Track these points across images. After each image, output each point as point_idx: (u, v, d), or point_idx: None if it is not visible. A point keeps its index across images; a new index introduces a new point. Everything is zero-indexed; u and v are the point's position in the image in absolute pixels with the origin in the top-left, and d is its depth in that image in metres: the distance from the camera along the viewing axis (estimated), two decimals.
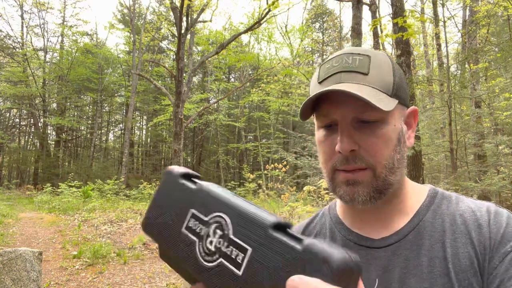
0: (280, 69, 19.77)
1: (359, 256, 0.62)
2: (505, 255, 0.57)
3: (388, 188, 0.65)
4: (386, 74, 0.65)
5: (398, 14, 6.78)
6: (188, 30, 11.18)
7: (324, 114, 0.66)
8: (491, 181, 7.30)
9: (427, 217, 0.67)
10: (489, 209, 0.64)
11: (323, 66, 0.69)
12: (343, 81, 0.64)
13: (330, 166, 0.66)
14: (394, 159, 0.65)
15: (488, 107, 9.60)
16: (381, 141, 0.64)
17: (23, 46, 24.62)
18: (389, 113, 0.64)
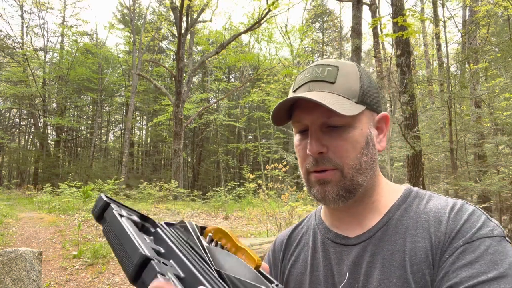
0: (280, 69, 19.77)
1: (336, 252, 0.77)
2: (455, 249, 0.60)
3: (357, 188, 0.71)
4: (352, 83, 0.71)
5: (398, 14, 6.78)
6: (188, 30, 11.18)
7: (297, 120, 0.73)
8: (491, 181, 7.29)
9: (397, 215, 0.71)
10: (454, 206, 0.66)
11: (298, 76, 0.77)
12: (312, 89, 0.70)
13: (304, 168, 0.73)
14: (361, 161, 0.70)
15: (488, 107, 9.60)
16: (347, 143, 0.69)
17: (23, 46, 24.61)
18: (356, 118, 0.70)
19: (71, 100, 27.60)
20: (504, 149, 8.69)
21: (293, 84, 0.76)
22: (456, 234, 0.62)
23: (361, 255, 0.70)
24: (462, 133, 9.81)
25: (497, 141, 8.34)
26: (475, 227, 0.61)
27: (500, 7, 10.10)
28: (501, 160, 8.65)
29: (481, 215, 0.64)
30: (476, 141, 9.77)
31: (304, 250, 0.82)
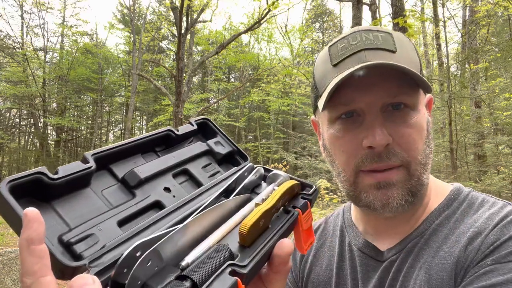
0: (280, 69, 19.77)
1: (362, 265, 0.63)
2: (480, 269, 0.48)
3: (420, 190, 0.57)
4: (412, 53, 0.58)
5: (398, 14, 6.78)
6: (188, 30, 11.18)
7: (343, 102, 0.55)
8: (491, 181, 7.30)
9: (435, 224, 0.58)
10: (507, 216, 0.52)
11: (334, 46, 0.59)
12: (369, 60, 0.53)
13: (353, 167, 0.57)
14: (427, 153, 0.56)
15: (488, 107, 9.60)
16: (415, 131, 0.54)
17: (23, 46, 24.62)
18: (418, 97, 0.56)
19: (71, 100, 27.59)
20: (504, 149, 8.69)
21: (327, 56, 0.59)
22: (491, 251, 0.48)
23: (387, 271, 0.60)
24: (462, 133, 9.81)
25: (497, 141, 8.34)
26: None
27: (500, 7, 10.10)
28: (501, 160, 8.65)
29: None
30: (476, 141, 9.77)
31: (329, 254, 0.71)
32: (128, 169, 0.40)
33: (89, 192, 0.36)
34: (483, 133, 10.18)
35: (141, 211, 0.38)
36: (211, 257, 0.32)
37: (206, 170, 0.48)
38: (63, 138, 27.57)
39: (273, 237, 0.37)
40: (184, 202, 0.41)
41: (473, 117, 10.11)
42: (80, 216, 0.34)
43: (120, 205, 0.37)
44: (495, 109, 9.38)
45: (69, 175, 0.34)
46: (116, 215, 0.36)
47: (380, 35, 0.56)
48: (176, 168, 0.45)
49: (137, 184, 0.40)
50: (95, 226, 0.34)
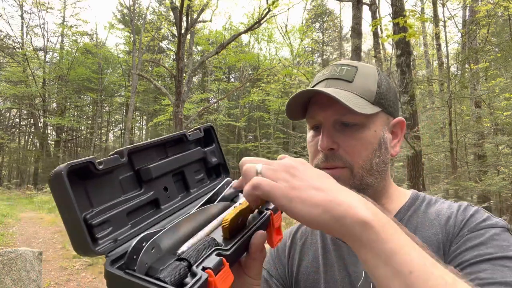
0: (280, 69, 19.77)
1: (350, 252, 0.75)
2: (461, 238, 0.64)
3: (366, 189, 0.71)
4: (370, 84, 0.72)
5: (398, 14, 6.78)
6: (188, 30, 11.18)
7: (311, 116, 0.73)
8: (491, 181, 7.29)
9: (407, 216, 0.74)
10: (461, 206, 0.70)
11: (318, 73, 0.78)
12: (328, 86, 0.71)
13: (314, 164, 0.73)
14: (372, 162, 0.70)
15: (488, 107, 9.60)
16: (359, 143, 0.69)
17: (23, 46, 24.61)
18: (370, 118, 0.70)
19: (71, 100, 27.59)
20: (504, 149, 8.69)
21: (312, 82, 0.78)
22: (463, 226, 0.65)
23: None
24: (462, 133, 9.81)
25: (497, 141, 8.34)
26: (480, 219, 0.65)
27: (500, 7, 10.10)
28: (501, 160, 8.65)
29: (485, 213, 0.67)
30: (476, 141, 9.77)
31: (312, 249, 0.82)
32: (143, 162, 0.47)
33: (111, 178, 0.44)
34: (483, 133, 10.17)
35: (142, 206, 0.45)
36: (202, 244, 0.40)
37: (196, 175, 0.56)
38: (63, 138, 27.55)
39: (250, 231, 0.46)
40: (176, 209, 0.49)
41: (473, 117, 10.10)
42: (101, 200, 0.42)
43: (129, 194, 0.45)
44: (495, 109, 9.38)
45: (109, 167, 0.41)
46: (126, 205, 0.43)
47: (346, 68, 0.73)
48: (176, 170, 0.51)
49: (148, 180, 0.47)
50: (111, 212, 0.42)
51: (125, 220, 0.43)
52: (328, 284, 0.75)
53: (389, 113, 0.73)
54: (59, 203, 0.38)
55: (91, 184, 0.41)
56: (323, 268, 0.77)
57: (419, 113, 9.79)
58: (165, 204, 0.48)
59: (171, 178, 0.51)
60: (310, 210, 0.39)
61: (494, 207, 9.43)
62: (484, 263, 0.57)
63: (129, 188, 0.45)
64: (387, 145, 0.73)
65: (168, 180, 0.50)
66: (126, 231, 0.42)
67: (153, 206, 0.48)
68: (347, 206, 0.39)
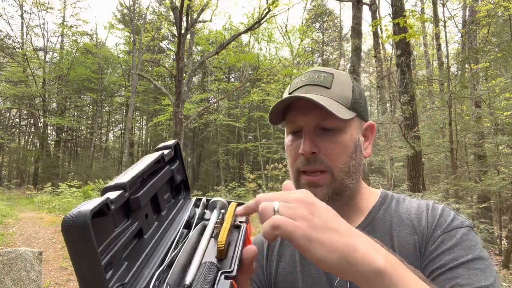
0: (280, 69, 19.76)
1: None
2: (436, 239, 0.67)
3: (344, 191, 0.75)
4: (346, 90, 0.75)
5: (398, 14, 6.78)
6: (188, 30, 11.17)
7: (291, 121, 0.76)
8: (491, 181, 7.29)
9: (379, 214, 0.77)
10: (428, 205, 0.74)
11: (294, 80, 0.80)
12: (309, 92, 0.74)
13: (295, 168, 0.75)
14: (350, 165, 0.74)
15: (488, 107, 9.60)
16: (338, 147, 0.73)
17: (23, 46, 24.61)
18: (347, 123, 0.74)
19: (71, 100, 27.58)
20: (504, 149, 8.69)
21: (289, 87, 0.80)
22: (435, 226, 0.69)
23: None
24: (462, 133, 9.81)
25: (497, 141, 8.34)
26: (448, 220, 0.69)
27: (500, 7, 10.09)
28: (501, 160, 8.65)
29: (450, 211, 0.72)
30: (476, 141, 9.77)
31: (289, 249, 0.84)
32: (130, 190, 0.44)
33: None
34: (483, 133, 10.17)
35: (131, 239, 0.42)
36: (205, 271, 0.40)
37: (164, 196, 0.54)
38: (63, 138, 27.55)
39: (238, 247, 0.46)
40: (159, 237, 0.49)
41: (473, 117, 10.10)
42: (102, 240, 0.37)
43: (119, 228, 0.41)
44: (495, 109, 9.38)
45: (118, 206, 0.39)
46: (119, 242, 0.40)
47: (324, 75, 0.76)
48: (154, 194, 0.50)
49: (135, 210, 0.44)
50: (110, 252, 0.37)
51: (121, 259, 0.39)
52: (306, 283, 0.77)
53: (361, 117, 0.78)
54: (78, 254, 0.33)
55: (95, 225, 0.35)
56: (300, 268, 0.80)
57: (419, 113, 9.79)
58: (147, 233, 0.46)
59: (149, 204, 0.48)
60: (328, 255, 0.40)
61: (494, 207, 9.43)
62: (460, 268, 0.62)
63: (119, 220, 0.41)
64: (361, 147, 0.77)
65: (148, 207, 0.48)
66: (127, 273, 0.40)
67: (139, 236, 0.45)
68: (363, 253, 0.41)
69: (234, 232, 0.50)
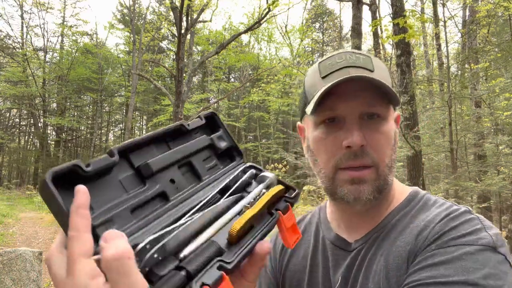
0: (280, 69, 19.76)
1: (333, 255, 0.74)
2: (426, 253, 0.57)
3: (386, 189, 0.67)
4: (385, 74, 0.68)
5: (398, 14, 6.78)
6: (188, 30, 11.17)
7: (329, 108, 0.65)
8: (491, 181, 7.29)
9: (394, 220, 0.68)
10: (451, 213, 0.61)
11: (323, 62, 0.70)
12: (352, 75, 0.63)
13: (332, 164, 0.66)
14: (392, 158, 0.67)
15: (489, 107, 9.60)
16: (384, 138, 0.65)
17: (23, 46, 24.60)
18: (389, 111, 0.67)
19: (71, 100, 27.58)
20: (504, 149, 8.69)
21: (317, 70, 0.69)
22: (435, 239, 0.58)
23: (355, 259, 0.69)
24: (462, 133, 9.81)
25: (498, 141, 8.34)
26: (459, 233, 0.56)
27: (500, 7, 10.09)
28: (501, 160, 8.65)
29: (477, 225, 0.58)
30: (476, 141, 9.77)
31: (304, 246, 0.81)
32: (143, 159, 0.46)
33: (110, 179, 0.43)
34: (483, 133, 10.17)
35: (149, 200, 0.45)
36: (204, 251, 0.40)
37: (206, 163, 0.54)
38: (63, 138, 27.55)
39: (256, 237, 0.44)
40: (185, 197, 0.48)
41: (473, 117, 10.10)
42: (102, 201, 0.41)
43: (133, 192, 0.44)
44: (496, 109, 9.38)
45: (99, 167, 0.40)
46: (129, 203, 0.42)
47: (362, 57, 0.67)
48: (182, 160, 0.51)
49: (149, 175, 0.46)
50: (115, 211, 0.41)
51: (129, 217, 0.42)
52: (311, 285, 0.75)
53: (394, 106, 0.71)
54: (53, 212, 0.38)
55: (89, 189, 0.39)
56: (309, 268, 0.76)
57: (419, 113, 9.79)
58: (174, 195, 0.47)
59: (177, 170, 0.50)
60: None
61: (494, 207, 9.43)
62: (433, 286, 0.51)
63: (132, 186, 0.45)
64: (397, 139, 0.70)
65: (173, 173, 0.49)
66: (131, 226, 0.42)
67: (162, 199, 0.47)
68: None
69: (264, 219, 0.47)
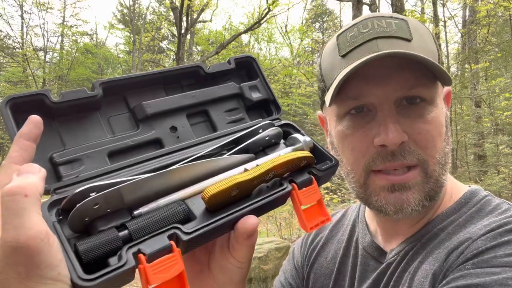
0: (280, 69, 19.77)
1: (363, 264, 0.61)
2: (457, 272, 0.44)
3: (439, 192, 0.52)
4: (429, 42, 0.52)
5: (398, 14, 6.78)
6: (188, 30, 11.17)
7: (353, 95, 0.49)
8: (491, 181, 7.29)
9: (436, 229, 0.53)
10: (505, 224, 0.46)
11: (343, 35, 0.53)
12: (381, 49, 0.47)
13: (363, 166, 0.51)
14: (446, 152, 0.52)
15: (489, 107, 9.60)
16: (432, 127, 0.49)
17: (23, 46, 24.60)
18: (436, 91, 0.50)
19: None
20: (504, 149, 8.69)
21: (336, 46, 0.53)
22: (474, 255, 0.44)
23: (384, 274, 0.57)
24: (462, 133, 9.81)
25: (498, 141, 8.34)
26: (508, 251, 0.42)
27: (500, 7, 10.10)
28: (501, 160, 8.65)
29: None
30: (476, 141, 9.77)
31: (336, 247, 0.68)
32: (144, 99, 0.39)
33: (96, 117, 0.37)
34: (483, 133, 10.18)
35: (138, 146, 0.38)
36: (161, 213, 0.32)
37: (230, 115, 0.45)
38: None
39: (243, 209, 0.35)
40: (182, 146, 0.40)
41: (473, 117, 10.10)
42: (78, 139, 0.35)
43: (121, 135, 0.38)
44: (495, 109, 9.38)
45: (70, 100, 0.35)
46: (111, 145, 0.36)
47: (394, 22, 0.50)
48: (193, 108, 0.42)
49: (144, 118, 0.39)
50: (87, 152, 0.35)
51: (103, 160, 0.35)
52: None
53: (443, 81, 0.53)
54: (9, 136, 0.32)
55: (64, 123, 0.35)
56: (335, 275, 0.64)
57: None
58: (172, 145, 0.39)
59: (184, 117, 0.41)
60: None
61: None
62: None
63: (122, 128, 0.38)
64: (448, 124, 0.54)
65: (178, 120, 0.41)
66: (100, 169, 0.35)
67: (156, 147, 0.40)
68: None
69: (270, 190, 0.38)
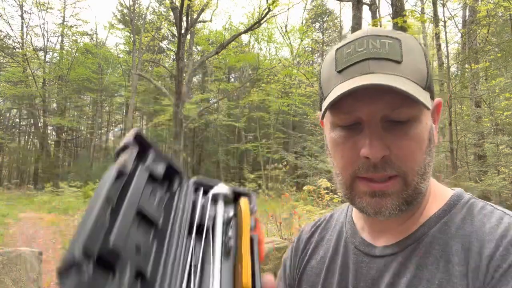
0: (280, 69, 19.77)
1: (355, 262, 0.65)
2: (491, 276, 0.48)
3: (417, 198, 0.57)
4: (419, 62, 0.55)
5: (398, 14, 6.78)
6: (188, 30, 11.18)
7: (345, 111, 0.55)
8: (491, 181, 7.30)
9: (433, 231, 0.58)
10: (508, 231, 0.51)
11: (341, 50, 0.58)
12: (372, 71, 0.53)
13: (350, 172, 0.57)
14: (426, 163, 0.56)
15: (489, 107, 9.60)
16: (413, 143, 0.54)
17: (23, 46, 24.60)
18: (422, 109, 0.54)
19: (71, 100, 27.59)
20: (504, 149, 8.69)
21: (333, 60, 0.58)
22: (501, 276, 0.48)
23: (382, 273, 0.59)
24: (462, 133, 9.81)
25: (498, 141, 8.34)
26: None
27: (500, 7, 10.10)
28: (501, 160, 8.65)
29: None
30: (476, 141, 9.77)
31: (325, 247, 0.72)
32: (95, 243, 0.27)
33: None
34: (484, 133, 10.18)
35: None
36: None
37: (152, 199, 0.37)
38: (63, 138, 27.56)
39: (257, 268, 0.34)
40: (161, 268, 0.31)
41: (473, 117, 10.11)
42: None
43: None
44: (496, 109, 9.38)
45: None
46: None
47: (388, 42, 0.54)
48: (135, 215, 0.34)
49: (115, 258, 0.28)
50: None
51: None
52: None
53: (432, 96, 0.57)
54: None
55: None
56: (325, 273, 0.68)
57: None
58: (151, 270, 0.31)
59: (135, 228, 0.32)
60: None
61: None
62: None
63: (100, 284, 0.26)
64: (433, 136, 0.58)
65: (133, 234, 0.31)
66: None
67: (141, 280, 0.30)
68: None
69: None
